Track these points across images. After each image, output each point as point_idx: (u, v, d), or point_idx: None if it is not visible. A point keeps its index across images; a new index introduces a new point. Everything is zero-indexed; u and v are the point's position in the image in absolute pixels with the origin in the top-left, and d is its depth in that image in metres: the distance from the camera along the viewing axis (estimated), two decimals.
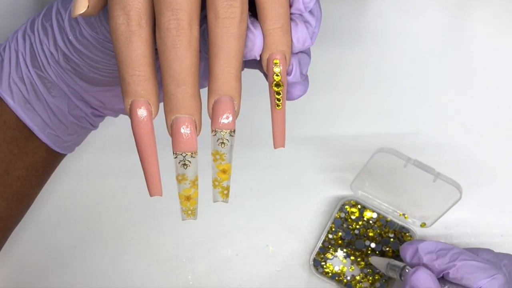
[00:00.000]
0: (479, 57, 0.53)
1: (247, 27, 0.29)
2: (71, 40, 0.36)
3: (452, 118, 0.52)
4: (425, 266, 0.42)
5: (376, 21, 0.54)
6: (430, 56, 0.53)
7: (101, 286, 0.49)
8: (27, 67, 0.38)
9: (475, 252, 0.43)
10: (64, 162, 0.46)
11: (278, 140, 0.32)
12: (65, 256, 0.49)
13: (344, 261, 0.50)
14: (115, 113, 0.43)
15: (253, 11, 0.30)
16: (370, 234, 0.50)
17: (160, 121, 0.29)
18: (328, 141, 0.52)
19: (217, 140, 0.29)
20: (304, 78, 0.33)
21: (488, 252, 0.44)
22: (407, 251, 0.43)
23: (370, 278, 0.49)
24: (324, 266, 0.49)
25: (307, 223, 0.51)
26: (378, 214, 0.50)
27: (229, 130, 0.29)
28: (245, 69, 0.35)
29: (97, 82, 0.38)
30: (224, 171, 0.30)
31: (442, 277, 0.42)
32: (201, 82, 0.33)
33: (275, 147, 0.32)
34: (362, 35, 0.54)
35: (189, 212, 0.31)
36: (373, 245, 0.50)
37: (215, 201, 0.31)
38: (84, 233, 0.50)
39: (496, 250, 0.45)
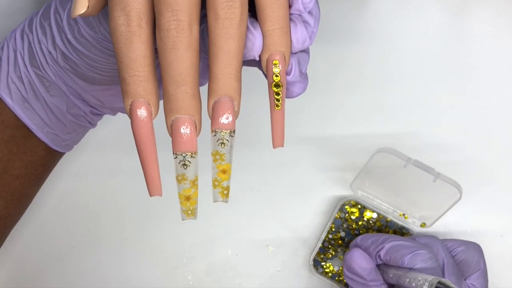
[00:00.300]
0: (479, 57, 0.53)
1: (247, 27, 0.29)
2: (70, 39, 0.36)
3: (452, 118, 0.52)
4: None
5: (375, 20, 0.54)
6: (430, 55, 0.53)
7: (101, 286, 0.49)
8: (25, 66, 0.38)
9: (413, 238, 0.45)
10: (64, 161, 0.46)
11: (277, 140, 0.32)
12: (65, 256, 0.49)
13: None
14: (114, 112, 0.43)
15: (253, 11, 0.30)
16: None
17: (160, 121, 0.29)
18: (328, 141, 0.52)
19: (217, 141, 0.29)
20: (304, 76, 0.33)
21: (427, 237, 0.45)
22: (350, 247, 0.46)
23: None
24: (324, 266, 0.49)
25: (307, 223, 0.51)
26: (378, 214, 0.50)
27: (229, 130, 0.29)
28: (245, 69, 0.35)
29: (96, 81, 0.38)
30: (224, 171, 0.30)
31: (385, 264, 0.44)
32: (200, 81, 0.33)
33: (274, 147, 0.32)
34: (362, 35, 0.53)
35: (189, 212, 0.31)
36: None
37: (215, 201, 0.31)
38: (84, 233, 0.50)
39: (496, 250, 0.45)
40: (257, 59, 0.30)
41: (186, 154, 0.29)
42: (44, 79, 0.38)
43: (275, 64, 0.30)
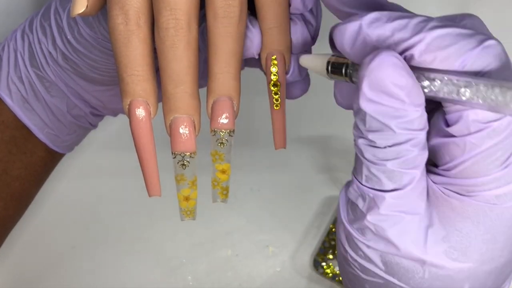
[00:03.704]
0: None
1: (246, 26, 0.29)
2: (70, 39, 0.36)
3: None
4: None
5: None
6: None
7: (100, 286, 0.49)
8: (25, 66, 0.38)
9: (452, 20, 0.28)
10: (63, 162, 0.46)
11: (279, 140, 0.32)
12: (64, 257, 0.49)
13: None
14: (115, 113, 0.42)
15: (253, 10, 0.30)
16: None
17: (159, 121, 0.29)
18: (328, 141, 0.51)
19: (216, 140, 0.29)
20: (305, 77, 0.33)
21: (473, 18, 0.28)
22: (343, 35, 0.25)
23: None
24: (324, 267, 0.49)
25: (307, 223, 0.50)
26: None
27: (228, 130, 0.29)
28: (245, 68, 0.35)
29: (97, 81, 0.38)
30: (223, 171, 0.30)
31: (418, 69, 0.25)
32: (200, 82, 0.33)
33: (276, 148, 0.32)
34: None
35: (188, 212, 0.31)
36: None
37: (214, 201, 0.31)
38: (83, 233, 0.50)
39: None
40: (257, 57, 0.30)
41: (185, 154, 0.29)
42: (44, 80, 0.38)
43: (273, 63, 0.30)
